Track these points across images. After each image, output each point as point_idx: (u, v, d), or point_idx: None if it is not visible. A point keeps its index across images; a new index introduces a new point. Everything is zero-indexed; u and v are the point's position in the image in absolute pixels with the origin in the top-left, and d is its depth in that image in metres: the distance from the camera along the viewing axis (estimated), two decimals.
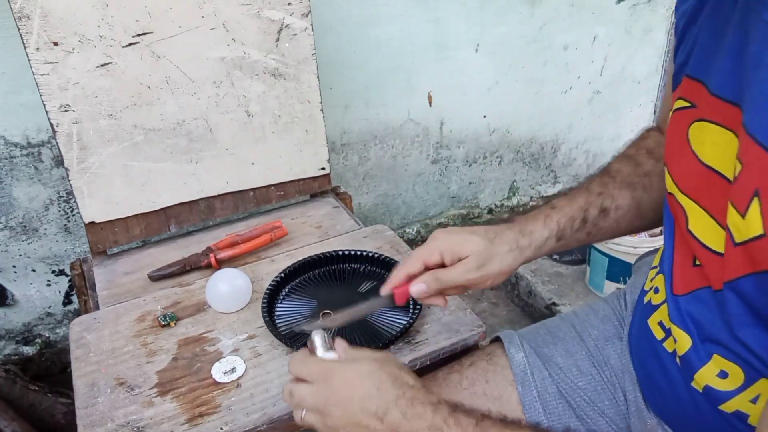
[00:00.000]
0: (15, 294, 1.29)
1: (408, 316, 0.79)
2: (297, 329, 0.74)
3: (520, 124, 1.73)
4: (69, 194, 1.23)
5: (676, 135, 0.55)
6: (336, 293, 0.86)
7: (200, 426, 0.66)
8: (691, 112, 0.54)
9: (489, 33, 1.52)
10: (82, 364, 0.75)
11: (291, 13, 0.96)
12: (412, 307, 0.80)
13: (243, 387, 0.70)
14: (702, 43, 0.54)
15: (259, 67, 0.98)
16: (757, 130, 0.43)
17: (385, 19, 1.36)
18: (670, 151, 0.58)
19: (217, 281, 0.83)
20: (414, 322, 0.76)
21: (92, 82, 0.87)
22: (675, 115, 0.56)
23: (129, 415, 0.67)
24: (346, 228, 1.03)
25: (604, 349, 0.71)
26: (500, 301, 1.71)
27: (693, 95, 0.54)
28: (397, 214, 1.68)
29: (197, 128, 0.97)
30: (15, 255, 1.25)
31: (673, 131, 0.56)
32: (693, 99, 0.54)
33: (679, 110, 0.55)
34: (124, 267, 0.96)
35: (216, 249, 0.94)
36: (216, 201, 1.04)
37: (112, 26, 0.86)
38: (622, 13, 1.69)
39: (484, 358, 0.74)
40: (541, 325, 0.78)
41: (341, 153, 1.48)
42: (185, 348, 0.77)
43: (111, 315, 0.84)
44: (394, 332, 0.76)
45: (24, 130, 1.15)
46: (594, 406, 0.68)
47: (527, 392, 0.69)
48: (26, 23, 0.81)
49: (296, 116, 1.04)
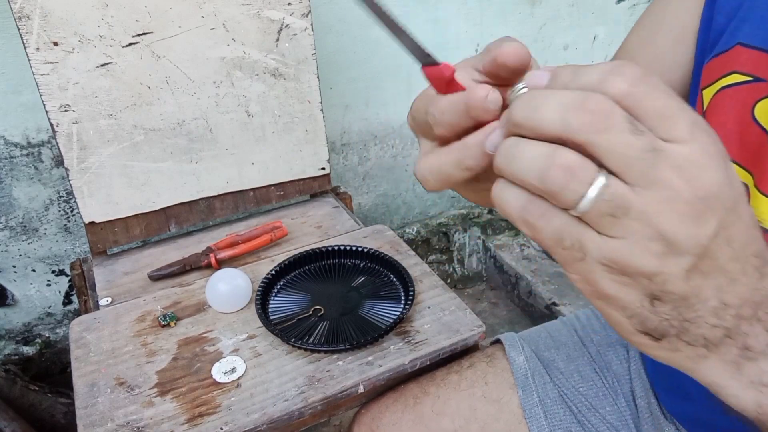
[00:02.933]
0: (15, 294, 1.29)
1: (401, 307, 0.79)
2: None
3: None
4: (69, 194, 1.23)
5: (735, 116, 0.47)
6: (330, 288, 0.87)
7: (200, 426, 0.66)
8: (757, 87, 0.46)
9: (489, 33, 1.52)
10: (82, 364, 0.75)
11: (291, 13, 0.96)
12: (404, 298, 0.81)
13: (243, 387, 0.70)
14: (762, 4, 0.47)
15: (259, 67, 0.98)
16: None
17: None
18: (722, 135, 0.50)
19: (217, 281, 0.83)
20: (407, 313, 0.77)
21: (92, 82, 0.87)
22: (729, 92, 0.48)
23: (129, 415, 0.67)
24: (346, 228, 1.03)
25: (606, 355, 0.70)
26: (500, 301, 1.71)
27: (757, 68, 0.46)
28: (397, 214, 1.68)
29: (197, 128, 0.97)
30: (15, 255, 1.25)
31: (730, 112, 0.48)
32: (757, 72, 0.46)
33: (735, 85, 0.47)
34: (124, 267, 0.96)
35: (216, 249, 0.94)
36: (216, 201, 1.04)
37: (112, 26, 0.86)
38: (622, 13, 1.69)
39: (484, 359, 0.73)
40: (542, 329, 0.77)
41: (341, 153, 1.48)
42: (185, 348, 0.77)
43: (111, 315, 0.84)
44: (387, 323, 0.77)
45: (24, 130, 1.15)
46: (595, 412, 0.67)
47: (528, 396, 0.68)
48: (26, 23, 0.81)
49: (296, 116, 1.04)
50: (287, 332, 0.77)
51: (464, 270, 1.78)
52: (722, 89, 0.49)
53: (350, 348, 0.74)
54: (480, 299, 1.73)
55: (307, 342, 0.75)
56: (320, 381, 0.70)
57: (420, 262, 0.90)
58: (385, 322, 0.78)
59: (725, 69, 0.49)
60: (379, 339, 0.74)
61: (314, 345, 0.74)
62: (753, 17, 0.47)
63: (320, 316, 0.80)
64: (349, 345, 0.73)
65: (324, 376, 0.71)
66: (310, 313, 0.81)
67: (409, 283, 0.82)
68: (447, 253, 1.75)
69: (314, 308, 0.81)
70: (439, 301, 0.82)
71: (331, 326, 0.78)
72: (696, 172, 0.25)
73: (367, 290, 0.85)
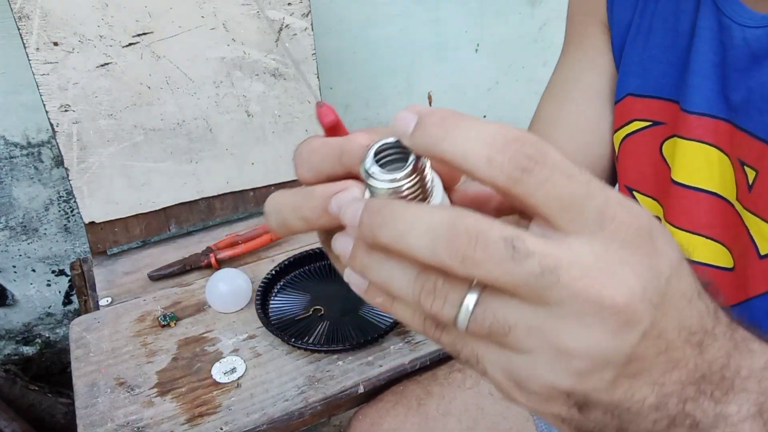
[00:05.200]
0: (15, 294, 1.29)
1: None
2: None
3: (520, 123, 1.70)
4: (69, 194, 1.23)
5: (647, 157, 0.52)
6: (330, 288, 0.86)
7: (200, 426, 0.66)
8: (659, 130, 0.52)
9: (489, 33, 1.52)
10: (82, 364, 0.75)
11: (291, 13, 0.96)
12: None
13: (243, 387, 0.70)
14: (651, 56, 0.52)
15: (259, 67, 0.98)
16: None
17: (385, 19, 1.36)
18: (636, 175, 0.54)
19: (217, 281, 0.83)
20: None
21: (92, 82, 0.87)
22: (635, 138, 0.53)
23: (129, 415, 0.67)
24: None
25: None
26: None
27: (653, 113, 0.52)
28: None
29: (197, 128, 0.97)
30: (15, 255, 1.25)
31: (642, 154, 0.53)
32: (654, 117, 0.52)
33: (639, 131, 0.53)
34: (124, 267, 0.96)
35: (216, 249, 0.94)
36: (216, 201, 1.04)
37: (112, 26, 0.86)
38: None
39: None
40: None
41: None
42: (185, 348, 0.77)
43: (111, 315, 0.84)
44: (387, 323, 0.77)
45: (24, 130, 1.15)
46: None
47: None
48: (26, 23, 0.81)
49: (296, 116, 1.04)
50: (287, 332, 0.77)
51: None
52: (628, 136, 0.53)
53: (350, 348, 0.74)
54: None
55: (307, 342, 0.75)
56: (320, 381, 0.70)
57: None
58: (385, 322, 0.78)
59: (626, 117, 0.53)
60: (379, 339, 0.74)
61: (314, 345, 0.74)
62: (635, 69, 0.52)
63: (320, 316, 0.80)
64: (349, 345, 0.73)
65: (324, 376, 0.71)
66: (310, 313, 0.81)
67: None
68: None
69: (314, 308, 0.81)
70: None
71: (331, 326, 0.78)
72: (603, 282, 0.21)
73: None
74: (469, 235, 0.21)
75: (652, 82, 0.52)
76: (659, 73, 0.52)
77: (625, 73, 0.54)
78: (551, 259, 0.21)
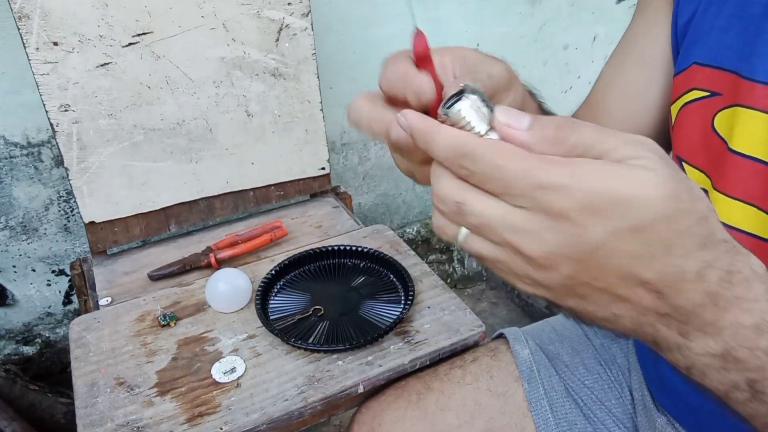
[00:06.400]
0: (15, 294, 1.29)
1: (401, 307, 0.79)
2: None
3: None
4: (69, 194, 1.23)
5: (698, 128, 0.52)
6: (330, 288, 0.87)
7: (200, 426, 0.66)
8: (714, 101, 0.51)
9: (489, 33, 1.52)
10: (82, 364, 0.75)
11: (291, 13, 0.96)
12: (404, 298, 0.81)
13: (243, 387, 0.70)
14: (720, 26, 0.52)
15: (259, 67, 0.98)
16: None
17: (385, 19, 1.36)
18: (687, 145, 0.54)
19: (217, 281, 0.83)
20: (407, 313, 0.77)
21: (92, 82, 0.87)
22: (691, 107, 0.53)
23: (129, 414, 0.67)
24: (346, 228, 1.03)
25: (610, 348, 0.71)
26: (500, 301, 1.71)
27: (712, 83, 0.51)
28: (397, 214, 1.68)
29: (197, 128, 0.97)
30: (15, 255, 1.25)
31: (693, 125, 0.53)
32: (713, 87, 0.51)
33: (696, 101, 0.53)
34: (124, 267, 0.96)
35: (216, 249, 0.94)
36: (216, 201, 1.05)
37: (112, 26, 0.86)
38: (622, 13, 1.69)
39: (488, 354, 0.73)
40: (545, 323, 0.78)
41: (341, 153, 1.48)
42: (185, 348, 0.77)
43: (111, 315, 0.84)
44: (387, 323, 0.77)
45: (24, 130, 1.15)
46: (601, 405, 0.68)
47: (534, 389, 0.68)
48: (26, 23, 0.81)
49: (296, 116, 1.04)
50: (287, 332, 0.77)
51: (464, 270, 1.78)
52: (685, 105, 0.54)
53: (350, 348, 0.74)
54: (480, 299, 1.73)
55: (307, 342, 0.75)
56: (320, 381, 0.71)
57: (420, 261, 0.90)
58: (384, 322, 0.78)
59: (686, 86, 0.54)
60: (378, 339, 0.74)
61: (314, 345, 0.74)
62: (702, 38, 0.52)
63: (320, 316, 0.80)
64: (348, 345, 0.73)
65: (324, 376, 0.71)
66: (310, 313, 0.81)
67: (409, 283, 0.82)
68: (447, 252, 1.75)
69: (314, 308, 0.81)
70: (439, 301, 0.82)
71: (331, 326, 0.78)
72: (528, 238, 0.30)
73: (366, 290, 0.85)
74: (466, 157, 0.32)
75: (716, 52, 0.52)
76: (725, 44, 0.51)
77: (694, 41, 0.54)
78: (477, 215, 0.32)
